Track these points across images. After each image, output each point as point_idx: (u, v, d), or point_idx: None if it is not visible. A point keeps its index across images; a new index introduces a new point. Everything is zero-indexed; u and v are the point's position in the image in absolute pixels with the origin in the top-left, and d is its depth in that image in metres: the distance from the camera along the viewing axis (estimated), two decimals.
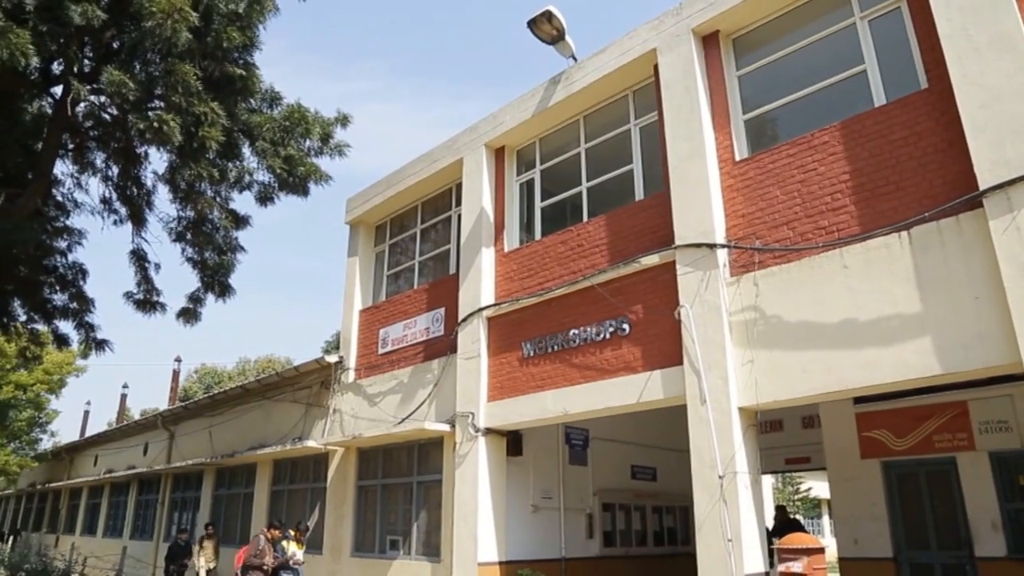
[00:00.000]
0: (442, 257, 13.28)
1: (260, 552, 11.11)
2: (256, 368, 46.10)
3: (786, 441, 14.20)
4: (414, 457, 12.32)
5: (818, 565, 6.94)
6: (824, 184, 8.00)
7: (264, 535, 11.44)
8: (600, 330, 9.76)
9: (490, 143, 12.08)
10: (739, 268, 8.50)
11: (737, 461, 7.90)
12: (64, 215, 13.88)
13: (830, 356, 7.45)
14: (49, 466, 31.85)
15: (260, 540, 11.32)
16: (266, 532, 11.56)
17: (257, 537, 11.47)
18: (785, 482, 35.82)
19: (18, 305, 14.13)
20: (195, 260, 12.89)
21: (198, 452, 18.78)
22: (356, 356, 14.06)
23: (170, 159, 11.88)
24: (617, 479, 13.72)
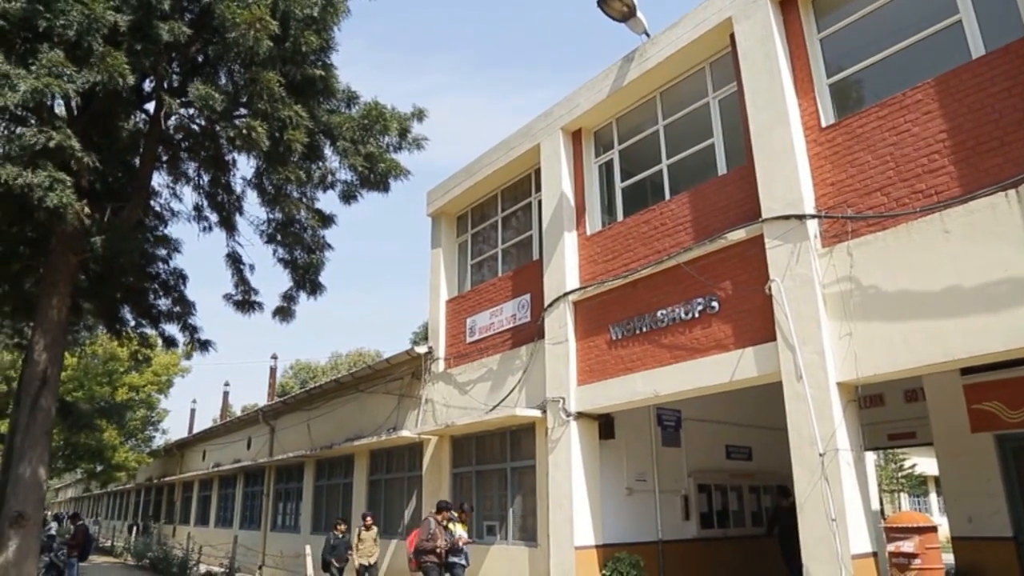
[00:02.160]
0: (524, 244, 13.33)
1: (432, 535, 10.64)
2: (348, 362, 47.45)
3: (888, 416, 13.66)
4: (507, 443, 12.45)
5: (930, 544, 6.67)
6: (919, 145, 7.62)
7: (434, 518, 10.92)
8: (688, 309, 9.61)
9: (566, 127, 12.02)
10: (831, 238, 8.20)
11: (838, 438, 7.66)
12: (162, 224, 14.62)
13: (934, 326, 7.12)
14: (163, 462, 33.74)
15: (431, 523, 10.82)
16: (435, 515, 11.03)
17: (427, 520, 10.97)
18: (888, 459, 34.45)
19: (127, 311, 15.00)
20: (286, 260, 13.36)
21: (298, 445, 19.50)
22: (445, 346, 14.30)
23: (257, 164, 12.34)
24: (712, 459, 13.52)
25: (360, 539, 13.02)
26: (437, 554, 10.60)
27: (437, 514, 11.02)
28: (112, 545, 31.17)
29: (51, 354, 11.56)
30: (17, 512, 10.80)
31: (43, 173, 9.27)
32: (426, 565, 10.54)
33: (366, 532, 13.10)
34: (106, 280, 13.85)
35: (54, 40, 9.32)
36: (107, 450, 26.70)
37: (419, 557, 10.63)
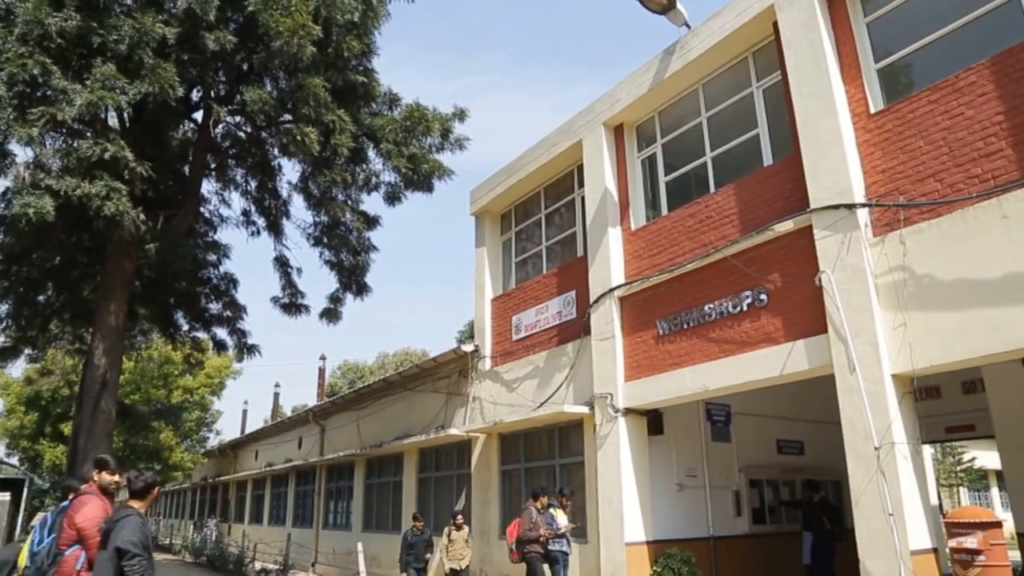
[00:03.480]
0: (568, 240, 13.31)
1: (534, 525, 10.08)
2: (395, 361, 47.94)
3: (945, 408, 13.27)
4: (555, 440, 12.46)
5: (995, 540, 6.46)
6: (974, 129, 7.40)
7: (533, 506, 10.30)
8: (737, 302, 9.50)
9: (608, 122, 11.96)
10: (882, 227, 8.02)
11: (894, 431, 7.49)
12: (212, 230, 14.99)
13: (994, 314, 6.91)
14: (217, 462, 34.55)
15: (532, 512, 10.22)
16: (533, 502, 10.40)
17: (528, 509, 10.34)
18: (945, 452, 33.54)
19: (181, 316, 15.41)
20: (333, 262, 13.58)
21: (348, 444, 19.78)
22: (491, 344, 14.36)
23: (303, 168, 12.57)
24: (763, 454, 13.33)
25: (450, 540, 12.07)
26: (541, 543, 10.12)
27: (535, 501, 10.42)
28: (171, 543, 32.04)
29: (110, 358, 11.93)
30: None
31: (100, 183, 9.58)
32: (530, 556, 10.04)
33: (456, 532, 12.11)
34: (160, 286, 14.27)
35: (107, 55, 9.63)
36: (164, 451, 27.44)
37: (522, 547, 10.14)
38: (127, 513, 5.11)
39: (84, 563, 5.32)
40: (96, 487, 5.66)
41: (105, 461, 5.81)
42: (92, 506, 5.49)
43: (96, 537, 5.25)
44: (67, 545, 5.37)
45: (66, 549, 5.36)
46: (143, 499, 5.37)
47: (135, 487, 5.35)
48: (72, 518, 5.41)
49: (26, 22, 8.96)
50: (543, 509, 10.30)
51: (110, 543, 4.92)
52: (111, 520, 5.11)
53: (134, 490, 5.35)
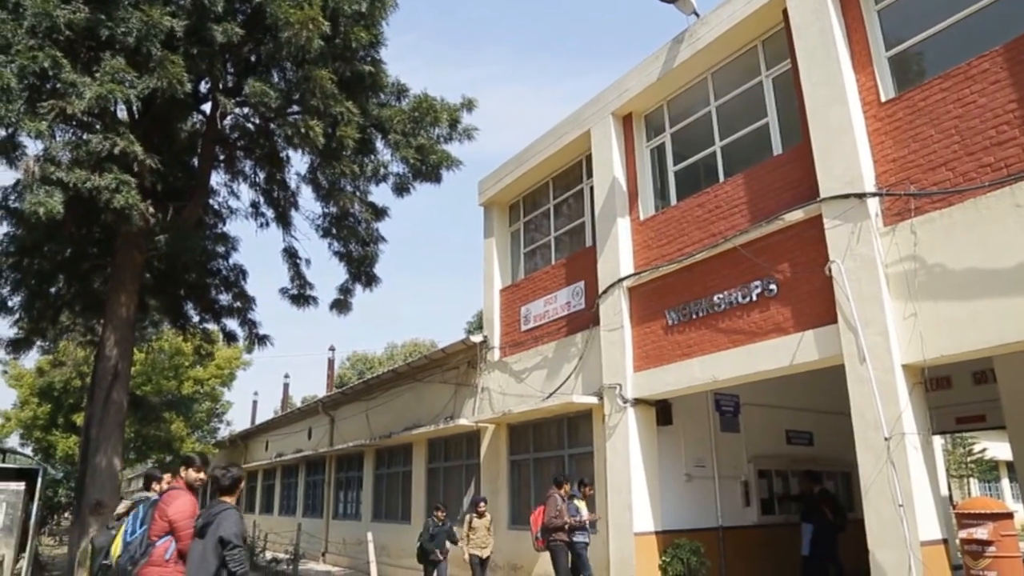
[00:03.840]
0: (577, 231, 13.29)
1: (559, 512, 9.97)
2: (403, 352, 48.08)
3: (956, 399, 13.23)
4: (564, 430, 12.48)
5: (1006, 531, 6.42)
6: (986, 117, 7.33)
7: (558, 494, 10.18)
8: (746, 292, 9.47)
9: (616, 111, 11.92)
10: (893, 216, 7.97)
11: (904, 421, 7.46)
12: (221, 222, 15.04)
13: (1006, 304, 6.86)
14: (227, 452, 34.76)
15: (557, 500, 10.10)
16: (558, 490, 10.26)
17: (553, 497, 10.19)
18: (955, 443, 33.38)
19: (191, 307, 15.49)
20: (342, 253, 13.61)
21: (357, 434, 19.86)
22: (500, 334, 14.38)
23: (311, 160, 12.59)
24: (772, 445, 13.31)
25: (472, 528, 11.57)
26: (565, 531, 10.02)
27: (559, 488, 10.28)
28: None
29: (121, 349, 12.02)
30: (96, 500, 11.30)
31: (109, 176, 9.63)
32: (555, 544, 9.96)
33: (479, 520, 11.62)
34: (170, 277, 14.34)
35: (115, 47, 9.65)
36: (175, 441, 27.67)
37: (547, 536, 10.00)
38: (224, 507, 5.52)
39: (174, 553, 5.64)
40: (183, 483, 6.02)
41: (192, 459, 6.19)
42: (183, 500, 5.86)
43: (188, 529, 5.62)
44: (158, 536, 5.68)
45: (157, 540, 5.67)
46: (232, 494, 5.75)
47: (223, 483, 5.73)
48: (164, 511, 5.74)
49: (35, 15, 8.99)
50: (566, 498, 10.21)
51: (210, 534, 5.32)
52: (210, 513, 5.48)
53: (223, 486, 5.73)
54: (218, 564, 5.28)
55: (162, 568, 5.66)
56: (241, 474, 5.88)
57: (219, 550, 5.27)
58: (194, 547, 5.42)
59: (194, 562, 5.35)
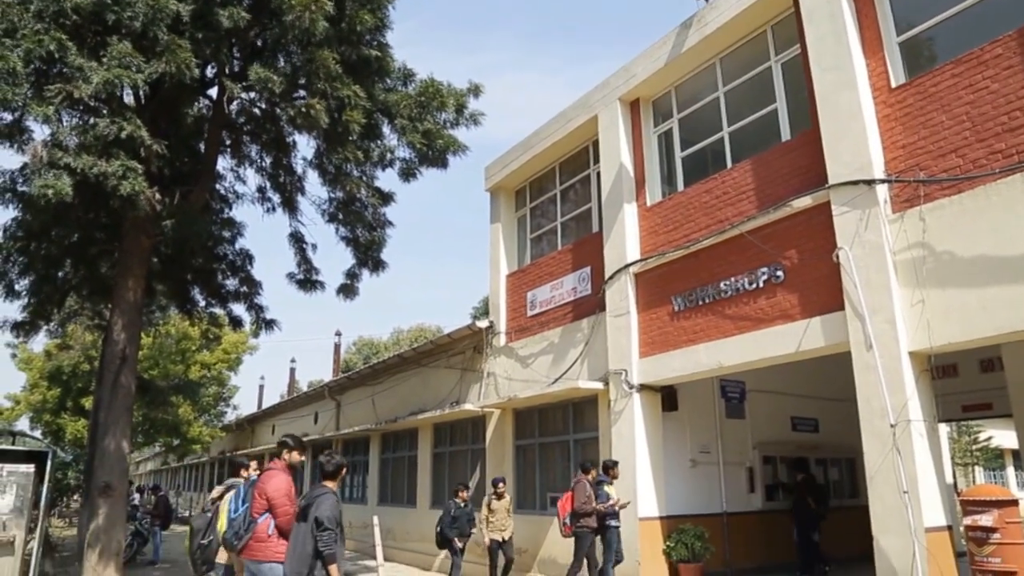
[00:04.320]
0: (584, 216, 13.27)
1: (588, 498, 9.83)
2: (409, 337, 48.15)
3: (962, 387, 13.23)
4: (569, 416, 12.51)
5: (1010, 518, 6.43)
6: (998, 103, 7.26)
7: (586, 480, 10.04)
8: (753, 279, 9.45)
9: (624, 97, 11.86)
10: (902, 203, 7.93)
11: (910, 409, 7.47)
12: (227, 206, 15.03)
13: (1015, 291, 6.83)
14: (234, 436, 34.98)
15: (586, 485, 9.96)
16: (585, 476, 10.11)
17: (581, 482, 10.03)
18: (961, 432, 33.38)
19: (198, 292, 15.52)
20: (348, 238, 13.58)
21: (363, 419, 19.96)
22: (506, 320, 14.39)
23: (317, 145, 12.54)
24: (777, 431, 13.34)
25: (491, 510, 11.24)
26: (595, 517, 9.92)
27: (586, 475, 10.16)
28: (191, 515, 32.55)
29: (129, 333, 12.06)
30: (105, 483, 11.38)
31: (116, 162, 9.61)
32: (582, 530, 9.86)
33: (498, 502, 11.31)
34: (177, 262, 14.35)
35: (122, 32, 9.61)
36: (183, 425, 27.76)
37: (575, 521, 9.88)
38: (324, 491, 5.82)
39: (274, 529, 6.05)
40: (284, 464, 6.36)
41: (287, 442, 6.52)
42: (279, 479, 6.21)
43: (285, 506, 6.08)
44: (259, 513, 6.08)
45: (258, 517, 6.08)
46: (334, 479, 6.03)
47: (327, 469, 6.03)
48: (263, 489, 6.12)
49: None
50: (593, 483, 10.09)
51: (310, 515, 5.64)
52: (311, 496, 5.80)
53: (327, 472, 6.02)
54: (315, 544, 5.59)
55: (265, 543, 6.05)
56: (343, 461, 6.21)
57: (313, 531, 5.57)
58: (297, 529, 5.80)
59: (296, 542, 5.72)
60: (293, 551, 5.71)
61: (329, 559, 5.57)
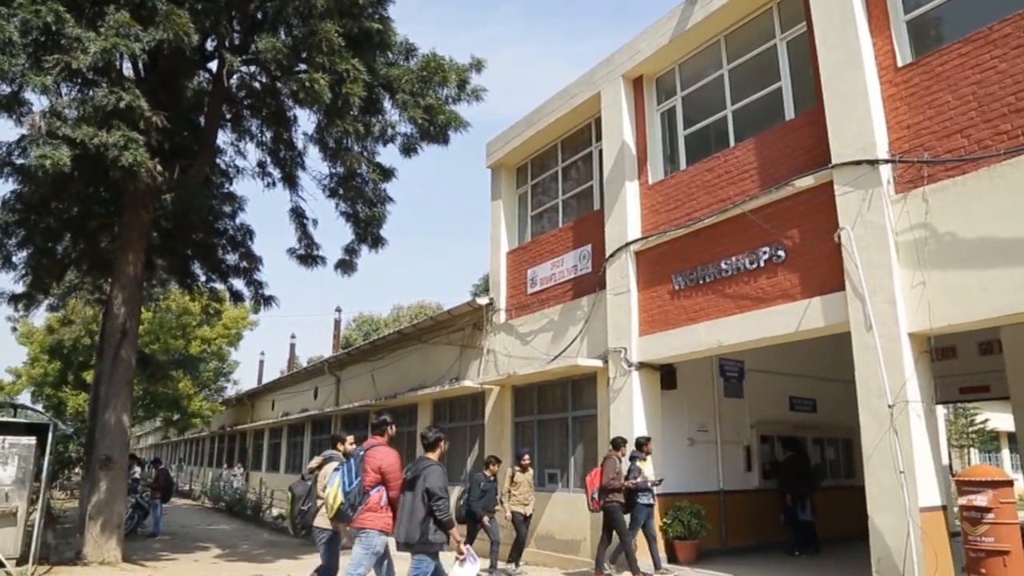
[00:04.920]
0: (585, 194, 13.22)
1: (617, 474, 9.69)
2: (409, 314, 48.18)
3: (960, 369, 13.24)
4: (568, 393, 12.55)
5: (1005, 499, 6.47)
6: (1006, 83, 7.20)
7: (616, 456, 9.86)
8: (754, 258, 9.43)
9: (627, 74, 11.76)
10: (905, 184, 7.89)
11: (908, 390, 7.48)
12: (228, 181, 14.98)
13: (1017, 274, 6.81)
14: (234, 411, 35.16)
15: (615, 461, 9.78)
16: (615, 452, 9.92)
17: (611, 458, 9.84)
18: (958, 414, 33.53)
19: (198, 267, 15.51)
20: (348, 214, 13.56)
21: (363, 395, 20.04)
22: (506, 297, 14.40)
23: (318, 119, 12.47)
24: (775, 411, 13.39)
25: (514, 483, 10.85)
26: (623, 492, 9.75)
27: (616, 451, 9.95)
28: (190, 489, 32.83)
29: (129, 308, 12.07)
30: (105, 455, 11.46)
31: (117, 133, 9.57)
32: (611, 505, 9.70)
33: (522, 475, 10.92)
34: (177, 236, 14.33)
35: (120, 2, 9.52)
36: (183, 399, 27.91)
37: (604, 496, 9.74)
38: (429, 463, 6.31)
39: (386, 500, 6.57)
40: (386, 439, 6.87)
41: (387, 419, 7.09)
42: (387, 452, 6.72)
43: (398, 478, 6.54)
44: (371, 485, 6.56)
45: (371, 489, 6.55)
46: (435, 451, 6.50)
47: (428, 440, 6.54)
48: (374, 463, 6.59)
49: None
50: (621, 460, 9.96)
51: (418, 487, 6.15)
52: (417, 468, 6.30)
53: (428, 443, 6.53)
54: (425, 512, 6.10)
55: (377, 513, 6.55)
56: (442, 435, 6.64)
57: (426, 500, 6.08)
58: (404, 498, 6.30)
59: (405, 511, 6.23)
60: (403, 518, 6.23)
61: (448, 524, 6.14)
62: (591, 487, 9.96)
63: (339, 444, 7.95)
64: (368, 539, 6.53)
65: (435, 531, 6.14)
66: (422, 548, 6.16)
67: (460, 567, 6.38)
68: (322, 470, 7.55)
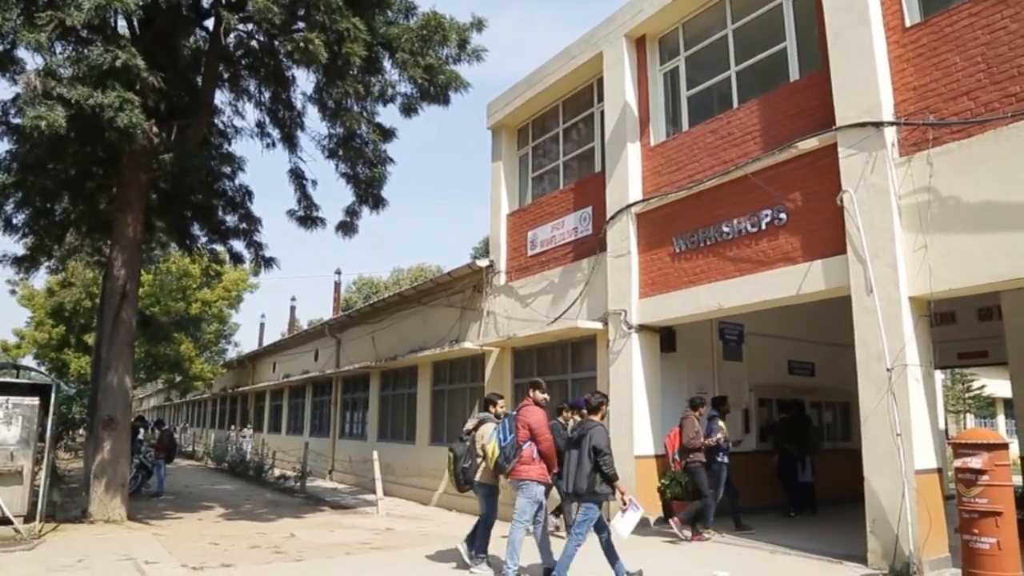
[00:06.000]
0: (586, 156, 13.11)
1: (697, 434, 9.87)
2: (409, 277, 48.21)
3: (959, 335, 13.29)
4: (568, 355, 12.60)
5: (1000, 461, 6.51)
6: (1015, 44, 7.08)
7: (694, 416, 10.02)
8: (755, 221, 9.39)
9: (630, 33, 11.59)
10: (910, 147, 7.82)
11: (907, 353, 7.51)
12: (226, 141, 14.83)
13: (1019, 239, 6.79)
14: (236, 373, 35.34)
15: (694, 421, 9.95)
16: (693, 412, 10.08)
17: (690, 418, 9.99)
18: (955, 379, 33.73)
19: (197, 228, 15.44)
20: (348, 175, 13.44)
21: (363, 357, 20.12)
22: (506, 259, 14.37)
23: (317, 79, 12.29)
24: (773, 374, 13.45)
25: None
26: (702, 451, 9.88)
27: (694, 411, 10.11)
28: (193, 450, 33.16)
29: (129, 269, 12.05)
30: (108, 416, 11.54)
31: (112, 93, 9.44)
32: (693, 465, 9.83)
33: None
34: (176, 198, 14.23)
35: None
36: (184, 361, 28.03)
37: (685, 456, 9.90)
38: (594, 425, 6.99)
39: (536, 454, 7.34)
40: (533, 401, 7.61)
41: (539, 383, 7.81)
42: (538, 412, 7.51)
43: (546, 435, 7.37)
44: (523, 441, 7.38)
45: (523, 444, 7.37)
46: (597, 413, 7.17)
47: (592, 404, 7.25)
48: (525, 422, 7.38)
49: None
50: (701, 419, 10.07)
51: (584, 444, 6.86)
52: (583, 428, 7.04)
53: (591, 407, 7.24)
54: (591, 467, 6.76)
55: (529, 465, 7.34)
56: (604, 399, 7.33)
57: (592, 457, 6.76)
58: (570, 455, 7.04)
59: (571, 465, 6.96)
60: (571, 471, 6.96)
61: (612, 477, 6.79)
62: (671, 448, 10.09)
63: (491, 407, 8.60)
64: (529, 489, 7.30)
65: (600, 483, 6.79)
66: (590, 498, 6.83)
67: (623, 516, 6.99)
68: (478, 431, 8.21)
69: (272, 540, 10.15)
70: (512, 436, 7.42)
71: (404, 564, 8.45)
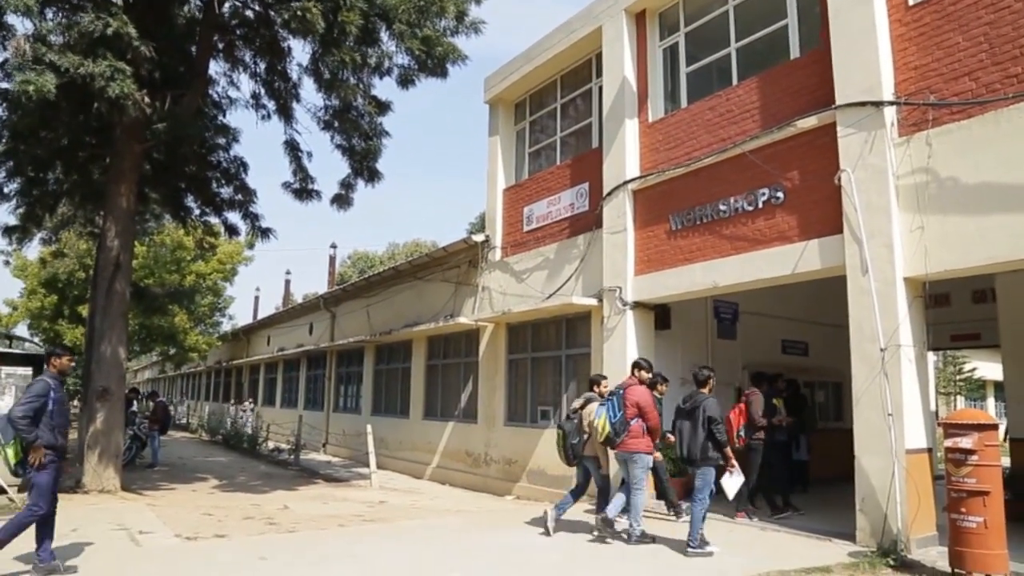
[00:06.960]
0: (584, 131, 13.02)
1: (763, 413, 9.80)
2: (404, 252, 48.09)
3: (953, 317, 13.33)
4: (562, 331, 12.61)
5: (989, 441, 6.55)
6: (1019, 24, 7.00)
7: (759, 392, 9.94)
8: (752, 199, 9.35)
9: (630, 8, 11.45)
10: (909, 127, 7.76)
11: (901, 334, 7.52)
12: (221, 112, 14.68)
13: (1016, 221, 6.76)
14: (230, 346, 35.36)
15: (761, 398, 9.83)
16: (749, 391, 10.01)
17: (756, 395, 9.87)
18: (947, 362, 33.96)
19: (191, 200, 15.34)
20: (344, 147, 13.33)
21: (358, 331, 20.13)
22: (502, 234, 14.32)
23: (313, 49, 12.15)
24: (767, 354, 13.47)
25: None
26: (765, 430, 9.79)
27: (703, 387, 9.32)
28: (188, 422, 33.26)
29: (122, 240, 11.99)
30: (102, 387, 11.54)
31: (104, 63, 9.32)
32: (755, 443, 9.74)
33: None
34: (170, 169, 14.13)
35: None
36: (179, 333, 28.01)
37: (751, 434, 9.77)
38: (705, 397, 7.73)
39: (644, 429, 7.95)
40: (637, 380, 8.23)
41: (641, 364, 8.47)
42: (643, 391, 8.15)
43: (653, 411, 8.00)
44: (631, 417, 7.93)
45: (631, 419, 7.92)
46: (706, 386, 7.85)
47: (700, 378, 7.93)
48: (632, 400, 7.94)
49: None
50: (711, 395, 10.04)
51: (698, 415, 7.62)
52: (695, 400, 7.77)
53: (700, 380, 7.92)
54: (705, 436, 7.52)
55: (638, 439, 7.94)
56: (711, 373, 7.97)
57: (706, 426, 7.49)
58: (683, 425, 7.82)
59: (686, 435, 7.74)
60: (685, 440, 7.74)
61: (724, 444, 7.58)
62: (736, 425, 9.85)
63: (595, 386, 8.90)
64: (641, 460, 7.93)
65: (712, 449, 7.51)
66: (704, 463, 7.55)
67: (730, 477, 7.80)
68: (585, 409, 8.56)
69: (266, 512, 10.21)
70: (621, 413, 7.93)
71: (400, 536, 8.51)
